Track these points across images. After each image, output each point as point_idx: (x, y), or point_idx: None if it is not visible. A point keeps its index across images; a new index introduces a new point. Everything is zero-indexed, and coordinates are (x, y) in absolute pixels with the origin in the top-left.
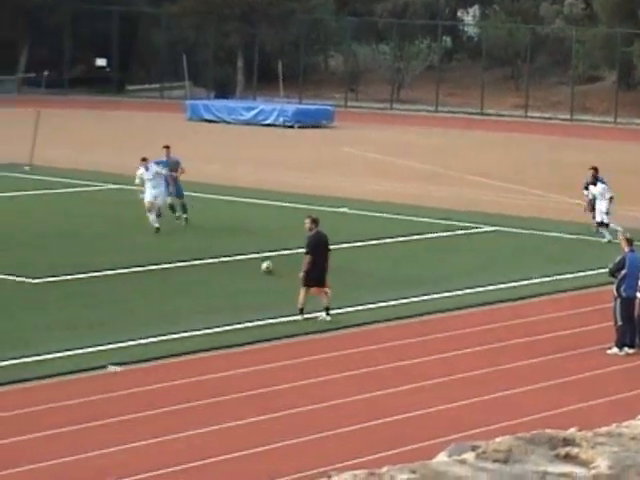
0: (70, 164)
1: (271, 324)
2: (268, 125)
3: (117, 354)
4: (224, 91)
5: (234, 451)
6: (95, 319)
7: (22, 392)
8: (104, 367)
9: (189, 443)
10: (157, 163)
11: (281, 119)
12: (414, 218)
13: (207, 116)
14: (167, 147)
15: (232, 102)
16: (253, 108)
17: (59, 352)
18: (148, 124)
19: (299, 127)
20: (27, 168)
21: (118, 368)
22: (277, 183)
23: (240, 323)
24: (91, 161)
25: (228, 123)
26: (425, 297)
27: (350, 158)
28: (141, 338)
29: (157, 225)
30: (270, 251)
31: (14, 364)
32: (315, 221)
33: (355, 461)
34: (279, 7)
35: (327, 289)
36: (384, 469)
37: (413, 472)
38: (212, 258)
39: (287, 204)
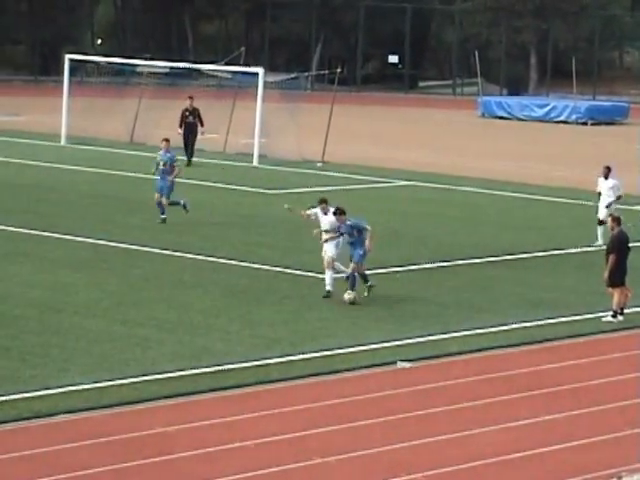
0: (361, 160)
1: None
2: (561, 122)
3: (407, 350)
4: (516, 88)
5: (537, 447)
6: (387, 315)
7: (319, 385)
8: (394, 363)
9: (492, 438)
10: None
11: (574, 116)
12: None
13: (499, 113)
14: (166, 140)
15: (524, 99)
16: (546, 105)
17: (360, 345)
18: (440, 121)
19: (592, 124)
20: (319, 164)
21: (407, 364)
22: (568, 180)
23: (540, 320)
24: (382, 157)
25: (520, 120)
26: None
27: None
28: (435, 334)
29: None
30: (557, 249)
31: (312, 357)
32: (617, 220)
33: None
34: (572, 3)
35: (628, 291)
36: None
37: None
38: (507, 255)
39: (573, 201)
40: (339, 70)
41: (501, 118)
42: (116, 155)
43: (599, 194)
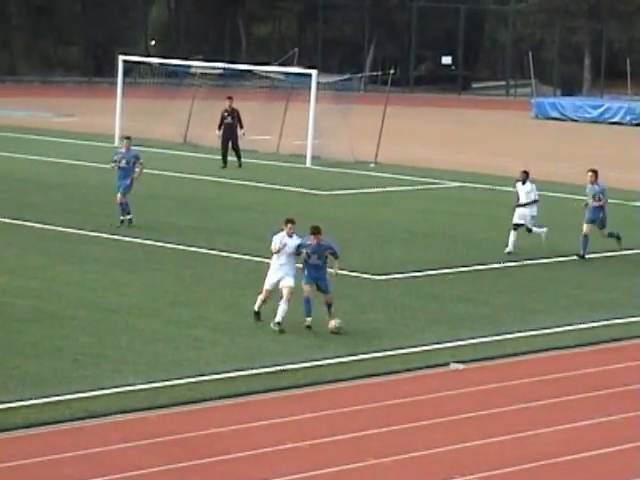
0: (413, 162)
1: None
2: (615, 123)
3: (460, 351)
4: (570, 89)
5: (600, 447)
6: (440, 316)
7: (373, 386)
8: (447, 364)
9: (547, 440)
10: (115, 153)
11: (628, 117)
12: None
13: (553, 114)
14: (127, 138)
15: (578, 100)
16: (600, 106)
17: (413, 347)
18: (493, 122)
19: None
20: (372, 165)
21: (460, 366)
22: (621, 182)
23: (595, 321)
24: (435, 159)
25: (574, 121)
26: None
27: None
28: (492, 335)
29: None
30: (611, 250)
31: (366, 358)
32: None
33: None
34: (627, 3)
35: None
36: None
37: None
38: (560, 256)
39: (627, 202)
40: (392, 71)
41: (554, 119)
42: (170, 156)
43: (517, 199)
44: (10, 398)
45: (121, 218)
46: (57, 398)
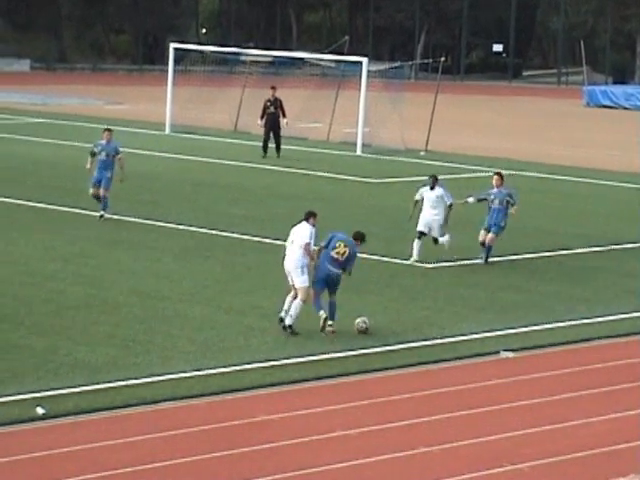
0: (464, 150)
1: None
2: None
3: (510, 340)
4: (622, 77)
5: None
6: (490, 304)
7: (422, 374)
8: (497, 353)
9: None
10: (95, 145)
11: None
12: None
13: (605, 102)
14: (109, 130)
15: (630, 88)
16: None
17: (462, 335)
18: (544, 110)
19: None
20: (422, 153)
21: (510, 354)
22: None
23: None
24: (485, 147)
25: (626, 109)
26: None
27: None
28: (539, 324)
29: None
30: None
31: (415, 347)
32: None
33: None
34: None
35: None
36: None
37: None
38: (611, 245)
39: None
40: (443, 59)
41: (606, 107)
42: (220, 144)
43: (415, 202)
44: (61, 385)
45: (101, 213)
46: (108, 385)
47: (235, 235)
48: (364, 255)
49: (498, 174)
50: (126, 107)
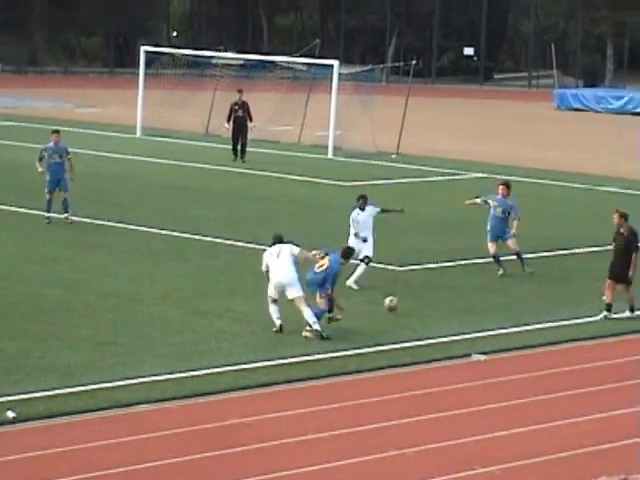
0: (435, 152)
1: None
2: (637, 114)
3: (482, 343)
4: (593, 80)
5: (602, 443)
6: (462, 307)
7: (393, 377)
8: (469, 355)
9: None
10: (44, 149)
11: None
12: None
13: (575, 105)
14: (56, 132)
15: (601, 91)
16: (622, 97)
17: (434, 338)
18: (515, 113)
19: None
20: (393, 156)
21: (482, 357)
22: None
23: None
24: (456, 150)
25: (596, 112)
26: None
27: None
28: (512, 327)
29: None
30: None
31: (387, 349)
32: (625, 216)
33: None
34: None
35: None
36: None
37: None
38: (584, 247)
39: None
40: (414, 62)
41: (577, 110)
42: (192, 147)
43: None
44: (34, 388)
45: (48, 215)
46: (81, 388)
47: (207, 238)
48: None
49: (505, 184)
50: (98, 110)
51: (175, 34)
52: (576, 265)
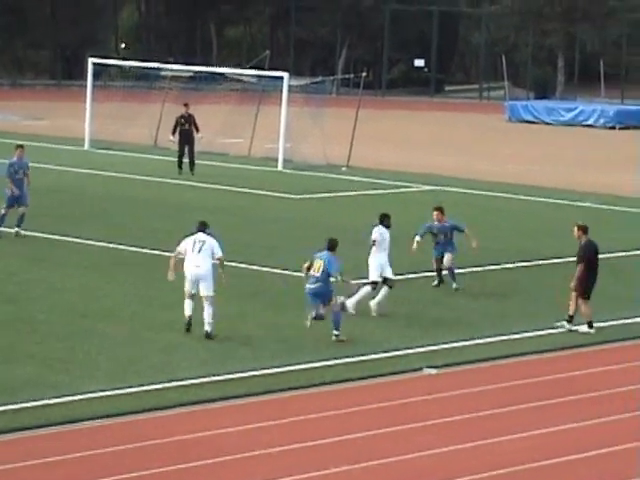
0: (386, 165)
1: None
2: (588, 126)
3: (434, 356)
4: (544, 91)
5: (563, 455)
6: (413, 321)
7: (344, 392)
8: (420, 369)
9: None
10: (11, 165)
11: (602, 120)
12: None
13: (526, 117)
14: (20, 147)
15: (552, 103)
16: (573, 109)
17: (386, 352)
18: (466, 125)
19: (620, 128)
20: (344, 169)
21: (433, 370)
22: (595, 185)
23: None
24: (408, 162)
25: (547, 124)
26: None
27: None
28: (463, 340)
29: None
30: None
31: (338, 364)
32: (584, 229)
33: None
34: (600, 6)
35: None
36: None
37: None
38: (534, 260)
39: (602, 206)
40: (364, 74)
41: (528, 122)
42: (140, 159)
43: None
44: None
45: (16, 230)
46: (24, 405)
47: (155, 251)
48: (280, 271)
49: (438, 209)
50: (45, 123)
51: (124, 46)
52: (529, 278)
